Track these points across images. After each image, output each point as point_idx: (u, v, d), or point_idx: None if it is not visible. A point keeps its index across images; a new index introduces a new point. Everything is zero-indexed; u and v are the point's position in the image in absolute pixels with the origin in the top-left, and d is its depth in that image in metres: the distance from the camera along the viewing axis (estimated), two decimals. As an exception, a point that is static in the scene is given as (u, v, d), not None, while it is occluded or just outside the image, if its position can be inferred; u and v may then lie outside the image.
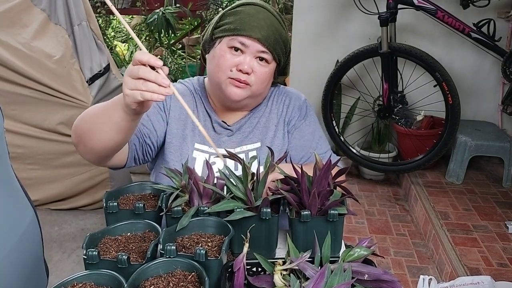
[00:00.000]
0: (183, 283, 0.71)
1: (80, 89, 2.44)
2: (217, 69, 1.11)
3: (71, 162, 2.53)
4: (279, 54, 1.12)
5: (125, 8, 3.75)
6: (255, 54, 1.09)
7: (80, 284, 0.71)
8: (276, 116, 1.21)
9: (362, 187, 2.97)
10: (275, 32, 1.10)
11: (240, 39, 1.08)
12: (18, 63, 2.31)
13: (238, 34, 1.08)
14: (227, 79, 1.10)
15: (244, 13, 1.09)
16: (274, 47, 1.09)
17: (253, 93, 1.12)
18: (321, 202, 0.88)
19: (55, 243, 2.39)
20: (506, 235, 2.21)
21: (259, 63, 1.10)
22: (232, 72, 1.09)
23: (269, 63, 1.11)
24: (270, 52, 1.09)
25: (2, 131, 0.92)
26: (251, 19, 1.08)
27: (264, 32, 1.07)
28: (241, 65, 1.08)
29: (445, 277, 2.03)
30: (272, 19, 1.10)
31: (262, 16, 1.09)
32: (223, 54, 1.09)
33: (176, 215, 0.88)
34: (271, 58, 1.10)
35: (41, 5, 2.42)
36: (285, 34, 1.13)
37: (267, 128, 1.20)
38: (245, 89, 1.10)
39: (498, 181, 2.75)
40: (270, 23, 1.09)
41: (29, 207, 1.01)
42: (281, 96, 1.24)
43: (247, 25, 1.07)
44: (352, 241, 2.29)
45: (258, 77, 1.10)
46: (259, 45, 1.08)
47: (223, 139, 1.18)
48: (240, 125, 1.19)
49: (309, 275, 0.71)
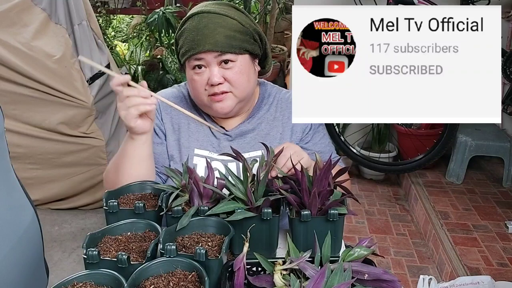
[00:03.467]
0: (183, 282, 0.71)
1: (80, 88, 2.44)
2: (196, 92, 1.13)
3: (71, 162, 2.54)
4: (239, 46, 1.08)
5: (125, 8, 3.75)
6: (215, 61, 1.07)
7: (80, 284, 0.71)
8: (281, 124, 1.19)
9: (362, 187, 2.97)
10: (223, 30, 1.06)
11: (195, 57, 1.08)
12: (18, 62, 2.30)
13: (190, 56, 1.08)
14: (208, 97, 1.10)
15: (188, 30, 1.08)
16: (229, 44, 1.06)
17: (239, 97, 1.11)
18: (321, 202, 0.88)
19: (55, 243, 2.40)
20: (506, 235, 2.21)
21: (225, 68, 1.08)
22: (207, 90, 1.10)
23: (235, 61, 1.08)
24: (227, 52, 1.06)
25: (2, 131, 0.92)
26: (194, 34, 1.07)
27: (211, 39, 1.05)
28: (210, 79, 1.07)
29: (445, 277, 2.03)
30: (215, 20, 1.07)
31: (203, 24, 1.06)
32: (192, 78, 1.11)
33: (176, 215, 0.88)
34: (233, 56, 1.07)
35: (42, 5, 2.42)
36: (238, 24, 1.08)
37: (271, 136, 1.18)
38: (229, 99, 1.10)
39: (498, 181, 2.75)
40: (214, 26, 1.06)
41: (29, 206, 1.01)
42: (286, 103, 1.21)
43: (194, 42, 1.06)
44: (352, 241, 2.29)
45: (232, 80, 1.08)
46: (213, 53, 1.06)
47: (224, 144, 1.17)
48: (240, 131, 1.18)
49: (309, 275, 0.71)
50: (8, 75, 2.32)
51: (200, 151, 1.16)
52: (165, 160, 1.17)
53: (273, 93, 1.24)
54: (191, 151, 1.16)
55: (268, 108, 1.21)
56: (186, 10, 3.45)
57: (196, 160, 1.15)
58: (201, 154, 1.15)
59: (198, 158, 1.15)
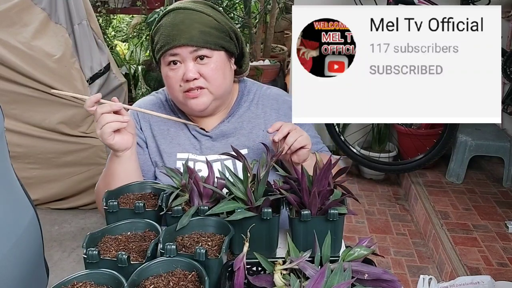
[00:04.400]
0: (183, 282, 0.71)
1: (80, 88, 2.44)
2: (171, 90, 1.12)
3: (71, 161, 2.54)
4: (215, 43, 1.08)
5: (125, 8, 3.75)
6: (191, 57, 1.07)
7: (80, 283, 0.71)
8: (263, 121, 1.18)
9: (362, 187, 2.97)
10: (199, 26, 1.06)
11: (170, 52, 1.07)
12: (18, 62, 2.31)
13: (165, 50, 1.07)
14: (183, 94, 1.10)
15: (163, 26, 1.09)
16: (205, 40, 1.06)
17: (215, 94, 1.11)
18: (321, 202, 0.88)
19: (55, 242, 2.40)
20: (506, 234, 2.21)
21: (200, 64, 1.07)
22: (182, 86, 1.09)
23: (210, 57, 1.08)
24: (202, 47, 1.06)
25: (2, 130, 0.92)
26: (170, 30, 1.07)
27: (186, 34, 1.05)
28: (185, 75, 1.07)
29: (445, 277, 2.03)
30: (191, 16, 1.07)
31: (179, 20, 1.07)
32: (167, 74, 1.10)
33: (176, 215, 0.88)
34: (208, 51, 1.07)
35: (42, 4, 2.42)
36: (214, 21, 1.08)
37: (253, 134, 1.17)
38: (204, 96, 1.09)
39: (498, 181, 2.75)
40: (190, 22, 1.06)
41: (29, 206, 1.01)
42: (268, 100, 1.21)
43: (169, 37, 1.06)
44: (352, 241, 2.29)
45: (207, 76, 1.08)
46: (188, 48, 1.05)
47: (206, 145, 1.16)
48: (220, 131, 1.17)
49: (309, 275, 0.71)
50: (8, 74, 2.32)
51: (183, 155, 1.15)
52: (150, 167, 1.18)
53: (253, 90, 1.23)
54: (173, 156, 1.15)
55: (248, 105, 1.20)
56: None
57: (179, 165, 1.13)
58: (184, 157, 1.14)
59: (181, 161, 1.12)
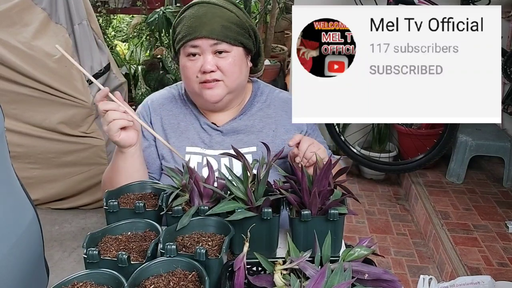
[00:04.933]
0: (184, 282, 0.72)
1: (80, 88, 2.44)
2: (187, 81, 1.14)
3: (72, 161, 2.54)
4: (234, 38, 1.10)
5: (125, 8, 3.75)
6: (210, 50, 1.09)
7: (80, 283, 0.71)
8: (274, 122, 1.20)
9: (362, 187, 2.97)
10: (220, 20, 1.09)
11: (190, 43, 1.09)
12: (18, 62, 2.31)
13: (186, 41, 1.09)
14: (199, 84, 1.11)
15: (186, 18, 1.11)
16: (225, 34, 1.09)
17: (229, 88, 1.12)
18: (322, 202, 0.88)
19: (55, 242, 2.40)
20: (506, 234, 2.21)
21: (219, 57, 1.10)
22: (198, 77, 1.11)
23: (229, 52, 1.10)
24: (222, 41, 1.08)
25: (2, 130, 0.92)
26: (193, 21, 1.09)
27: (208, 27, 1.08)
28: (203, 67, 1.09)
29: (446, 277, 2.03)
30: (214, 10, 1.10)
31: (202, 13, 1.10)
32: (185, 65, 1.12)
33: (176, 215, 0.88)
34: (228, 46, 1.10)
35: (42, 4, 2.42)
36: (235, 17, 1.11)
37: (263, 133, 1.19)
38: (219, 88, 1.11)
39: (499, 181, 2.75)
40: (212, 15, 1.09)
41: (29, 206, 1.01)
42: (279, 102, 1.23)
43: (191, 28, 1.09)
44: (352, 241, 2.28)
45: (225, 70, 1.10)
46: (208, 40, 1.08)
47: (216, 139, 1.18)
48: (232, 127, 1.19)
49: (309, 275, 0.71)
50: (8, 74, 2.32)
51: (192, 149, 1.17)
52: (155, 160, 1.19)
53: (266, 91, 1.25)
54: (183, 150, 1.16)
55: (260, 106, 1.22)
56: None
57: (188, 157, 1.15)
58: (193, 151, 1.16)
59: (189, 155, 1.16)
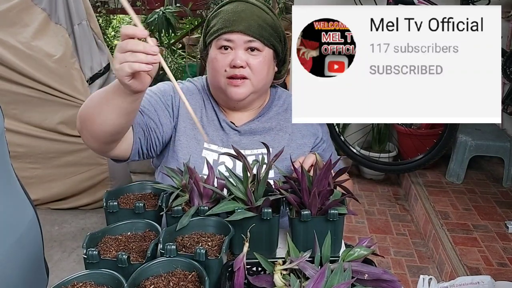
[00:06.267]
0: (183, 282, 0.71)
1: (80, 88, 2.44)
2: (214, 73, 1.13)
3: (72, 161, 2.54)
4: (268, 38, 1.11)
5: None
6: (243, 46, 1.10)
7: (80, 284, 0.71)
8: (291, 126, 1.21)
9: (362, 187, 2.97)
10: (258, 19, 1.10)
11: (225, 37, 1.09)
12: (18, 62, 2.31)
13: (222, 33, 1.10)
14: (226, 80, 1.11)
15: (224, 12, 1.12)
16: (260, 32, 1.10)
17: (255, 87, 1.13)
18: (321, 202, 0.88)
19: (55, 243, 2.40)
20: (506, 234, 2.21)
21: (251, 54, 1.10)
22: (227, 71, 1.10)
23: (261, 51, 1.11)
24: (257, 39, 1.10)
25: (2, 130, 0.92)
26: (231, 15, 1.10)
27: (245, 23, 1.09)
28: (234, 61, 1.09)
29: (445, 277, 2.03)
30: (252, 9, 1.12)
31: (241, 9, 1.11)
32: (215, 57, 1.12)
33: (176, 215, 0.88)
34: (261, 45, 1.11)
35: (42, 5, 2.42)
36: (270, 19, 1.13)
37: (280, 136, 1.20)
38: (245, 86, 1.11)
39: (498, 181, 2.75)
40: (251, 13, 1.11)
41: (29, 206, 1.01)
42: None
43: (228, 21, 1.10)
44: (352, 241, 2.29)
45: (254, 67, 1.10)
46: (244, 36, 1.09)
47: (233, 139, 1.17)
48: (249, 128, 1.19)
49: (309, 275, 0.71)
50: (8, 75, 2.32)
51: (209, 145, 1.16)
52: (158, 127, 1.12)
53: (283, 96, 1.26)
54: (201, 144, 1.16)
55: (278, 109, 1.23)
56: (186, 9, 3.45)
57: (205, 154, 1.15)
58: (210, 148, 1.16)
59: (207, 152, 1.16)
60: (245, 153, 1.13)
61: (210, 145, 1.16)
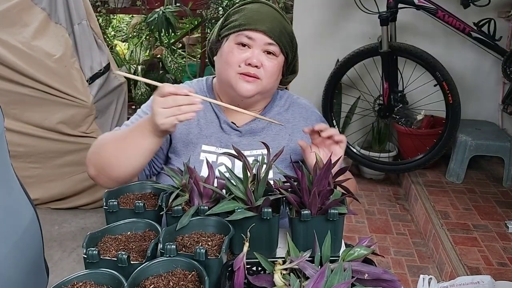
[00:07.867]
0: (183, 282, 0.71)
1: (80, 88, 2.44)
2: (226, 66, 1.12)
3: (72, 161, 2.54)
4: (285, 46, 1.13)
5: (125, 7, 3.75)
6: (262, 47, 1.10)
7: (80, 283, 0.71)
8: (292, 126, 1.21)
9: (362, 187, 2.97)
10: (279, 24, 1.12)
11: (247, 33, 1.10)
12: (18, 62, 2.30)
13: (244, 29, 1.10)
14: (237, 74, 1.10)
15: (248, 9, 1.13)
16: (280, 38, 1.11)
17: (263, 88, 1.13)
18: (321, 202, 0.88)
19: (55, 242, 2.40)
20: (506, 234, 2.21)
21: (267, 57, 1.11)
22: (240, 67, 1.10)
23: (277, 56, 1.12)
24: (277, 43, 1.11)
25: (2, 130, 0.92)
26: (255, 14, 1.11)
27: (269, 24, 1.10)
28: (250, 59, 1.09)
29: (445, 277, 2.03)
30: (275, 14, 1.13)
31: (265, 10, 1.12)
32: (231, 50, 1.11)
33: (176, 214, 0.88)
34: (278, 50, 1.12)
35: (42, 4, 2.42)
36: (289, 28, 1.15)
37: (280, 136, 1.20)
38: (255, 84, 1.11)
39: (498, 181, 2.75)
40: (274, 17, 1.12)
41: (29, 206, 1.01)
42: (298, 107, 1.25)
43: (252, 19, 1.10)
44: (352, 241, 2.28)
45: (267, 70, 1.11)
46: (266, 37, 1.09)
47: (233, 140, 1.17)
48: (250, 128, 1.19)
49: (309, 275, 0.71)
50: (8, 74, 2.32)
51: (207, 147, 1.16)
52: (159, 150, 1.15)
53: (284, 96, 1.26)
54: (198, 147, 1.16)
55: (279, 109, 1.23)
56: (186, 9, 3.45)
57: (203, 157, 1.15)
58: (208, 150, 1.16)
59: (205, 154, 1.16)
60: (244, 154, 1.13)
61: (208, 147, 1.16)
